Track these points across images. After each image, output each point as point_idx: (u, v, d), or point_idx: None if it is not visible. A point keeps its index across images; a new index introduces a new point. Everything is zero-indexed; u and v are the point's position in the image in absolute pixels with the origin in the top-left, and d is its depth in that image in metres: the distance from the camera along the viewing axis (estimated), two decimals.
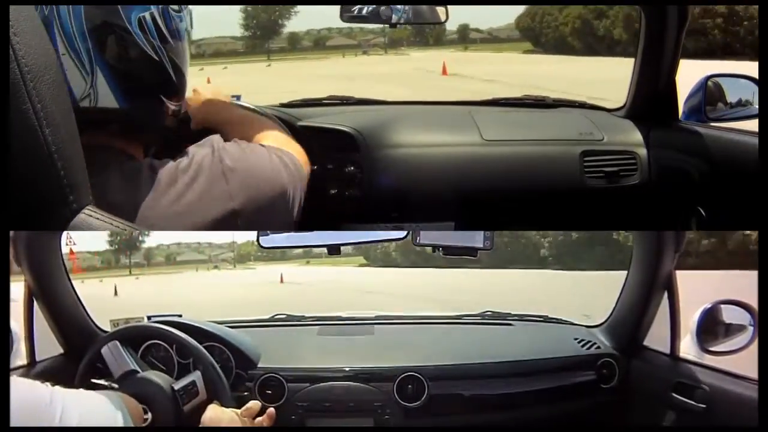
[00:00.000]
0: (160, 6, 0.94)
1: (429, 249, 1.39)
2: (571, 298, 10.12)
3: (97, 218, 0.71)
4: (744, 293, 1.63)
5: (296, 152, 1.16)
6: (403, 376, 1.65)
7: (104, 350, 1.36)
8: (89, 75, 0.91)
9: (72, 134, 0.70)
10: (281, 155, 1.06)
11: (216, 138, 1.00)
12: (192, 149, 0.98)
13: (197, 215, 0.90)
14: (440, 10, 1.76)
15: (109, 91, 0.92)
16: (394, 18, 1.76)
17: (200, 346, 1.37)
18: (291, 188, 1.03)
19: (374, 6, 1.75)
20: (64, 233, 1.82)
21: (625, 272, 1.76)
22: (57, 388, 0.79)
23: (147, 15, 0.93)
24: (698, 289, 2.78)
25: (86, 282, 20.18)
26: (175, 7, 0.97)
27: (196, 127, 1.34)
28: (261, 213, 0.96)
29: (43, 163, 0.65)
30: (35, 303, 1.77)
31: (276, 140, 1.17)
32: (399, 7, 1.74)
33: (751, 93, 1.84)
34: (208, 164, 0.94)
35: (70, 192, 0.68)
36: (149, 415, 1.22)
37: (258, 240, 1.33)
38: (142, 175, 0.91)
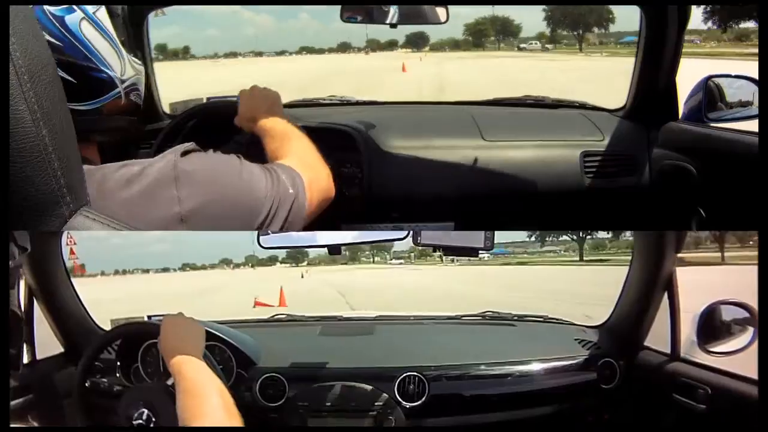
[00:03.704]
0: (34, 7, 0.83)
1: None
2: None
3: (94, 219, 0.71)
4: None
5: (313, 178, 1.05)
6: (403, 376, 1.65)
7: None
8: None
9: (69, 135, 0.70)
10: (276, 171, 0.97)
11: (179, 147, 0.92)
12: (155, 157, 0.90)
13: (141, 216, 0.82)
14: (440, 10, 1.76)
15: None
16: (394, 18, 1.76)
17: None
18: (268, 206, 0.92)
19: (374, 6, 1.75)
20: (65, 233, 1.82)
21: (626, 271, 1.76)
22: None
23: None
24: None
25: None
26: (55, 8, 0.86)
27: (239, 123, 1.34)
28: (214, 222, 0.87)
29: (40, 164, 0.65)
30: (35, 303, 1.77)
31: (301, 161, 1.07)
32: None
33: (751, 94, 1.84)
34: (159, 167, 0.85)
35: (68, 193, 0.68)
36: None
37: (258, 240, 1.33)
38: (96, 181, 0.83)
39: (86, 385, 1.52)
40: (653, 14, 1.84)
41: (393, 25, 1.78)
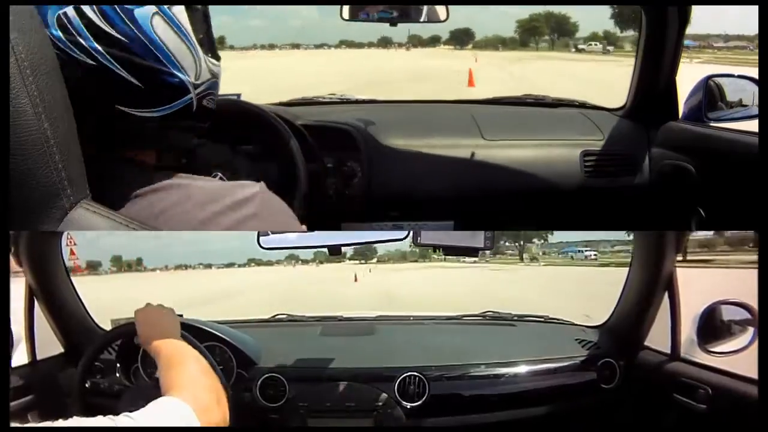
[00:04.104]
0: None
1: None
2: None
3: (95, 212, 0.71)
4: None
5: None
6: (404, 376, 1.65)
7: None
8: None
9: (71, 127, 0.71)
10: None
11: (262, 187, 0.90)
12: (239, 183, 0.88)
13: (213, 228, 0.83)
14: (440, 9, 1.76)
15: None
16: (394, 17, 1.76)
17: (201, 346, 1.37)
18: None
19: (374, 5, 1.75)
20: (65, 233, 1.82)
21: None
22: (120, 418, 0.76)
23: (69, 10, 0.73)
24: None
25: None
26: None
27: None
28: None
29: (41, 157, 0.65)
30: (35, 303, 1.77)
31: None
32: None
33: (751, 93, 1.84)
34: (247, 193, 0.86)
35: (69, 185, 0.68)
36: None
37: (258, 240, 1.33)
38: (173, 188, 0.82)
39: (86, 385, 1.52)
40: (654, 14, 1.85)
41: (393, 24, 1.79)
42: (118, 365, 1.64)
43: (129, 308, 1.29)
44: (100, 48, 0.75)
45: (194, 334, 1.49)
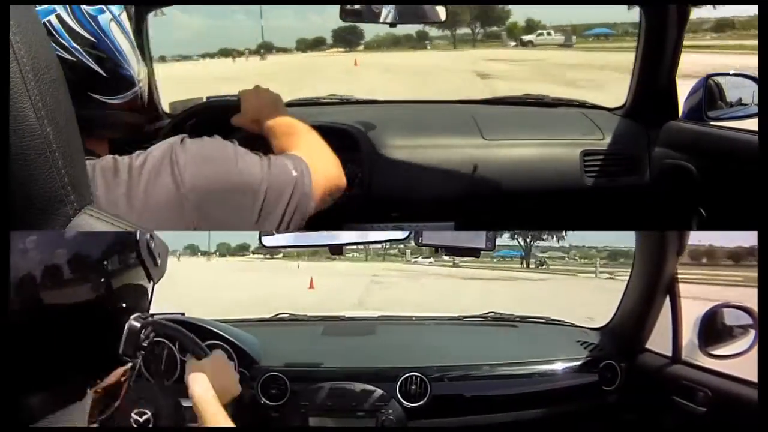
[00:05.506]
0: (67, 6, 0.92)
1: None
2: None
3: (98, 218, 0.70)
4: None
5: (319, 166, 1.10)
6: (405, 376, 1.65)
7: None
8: None
9: (74, 133, 0.70)
10: (272, 160, 1.01)
11: (177, 137, 0.97)
12: (154, 146, 0.95)
13: (146, 204, 0.87)
14: (440, 9, 1.76)
15: None
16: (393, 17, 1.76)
17: (203, 344, 1.37)
18: (264, 190, 0.95)
19: (374, 6, 1.74)
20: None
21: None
22: None
23: (52, 18, 0.91)
24: None
25: None
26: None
27: (240, 123, 1.36)
28: (214, 204, 0.91)
29: (44, 163, 0.64)
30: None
31: (307, 151, 1.12)
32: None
33: (751, 92, 1.83)
34: (159, 154, 0.92)
35: (72, 191, 0.67)
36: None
37: (260, 239, 1.33)
38: (105, 174, 0.87)
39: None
40: (653, 12, 1.84)
41: (393, 24, 1.78)
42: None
43: None
44: (77, 45, 0.92)
45: (196, 332, 1.49)
